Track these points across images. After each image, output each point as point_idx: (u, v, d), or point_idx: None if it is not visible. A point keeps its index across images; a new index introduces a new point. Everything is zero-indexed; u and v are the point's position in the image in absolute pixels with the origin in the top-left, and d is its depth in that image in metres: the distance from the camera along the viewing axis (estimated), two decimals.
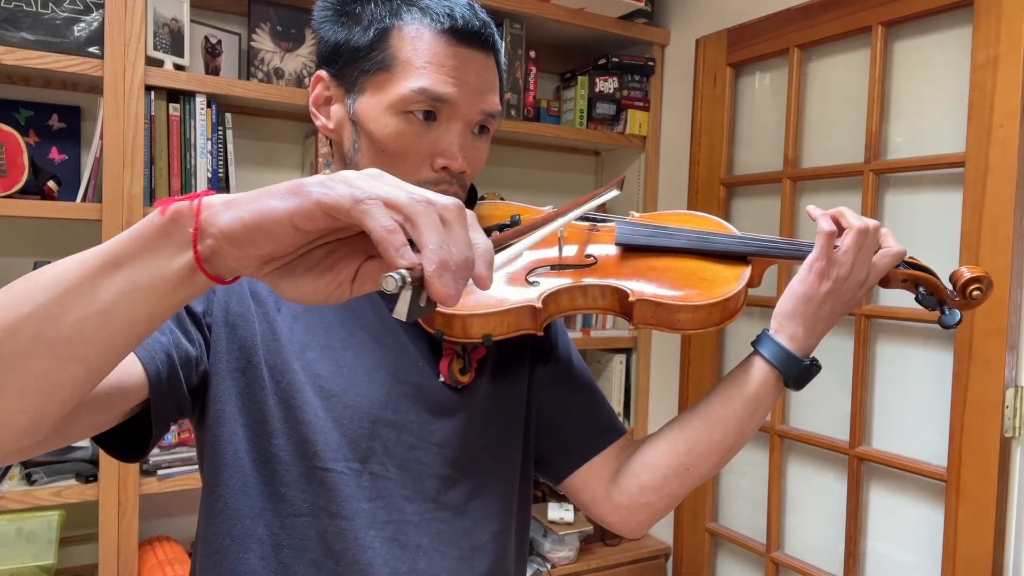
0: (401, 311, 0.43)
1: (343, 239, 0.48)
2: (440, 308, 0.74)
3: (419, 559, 0.77)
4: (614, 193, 0.87)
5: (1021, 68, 1.42)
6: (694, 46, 2.20)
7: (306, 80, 1.91)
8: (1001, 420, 1.46)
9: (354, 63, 0.76)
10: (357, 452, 0.75)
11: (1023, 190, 1.44)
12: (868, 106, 1.72)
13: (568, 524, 2.16)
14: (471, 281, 0.46)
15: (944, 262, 1.55)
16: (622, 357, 2.40)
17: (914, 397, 1.67)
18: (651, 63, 2.32)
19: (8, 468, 1.56)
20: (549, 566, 2.10)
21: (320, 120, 0.81)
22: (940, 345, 1.62)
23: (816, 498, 1.89)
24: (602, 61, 2.30)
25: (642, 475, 0.86)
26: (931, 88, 1.65)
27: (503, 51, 0.81)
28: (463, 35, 0.74)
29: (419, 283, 0.43)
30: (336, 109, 0.79)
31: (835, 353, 1.78)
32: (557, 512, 2.17)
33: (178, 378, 0.70)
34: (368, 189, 0.44)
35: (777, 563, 1.93)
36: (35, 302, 0.46)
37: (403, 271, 0.42)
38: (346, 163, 0.80)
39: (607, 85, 2.28)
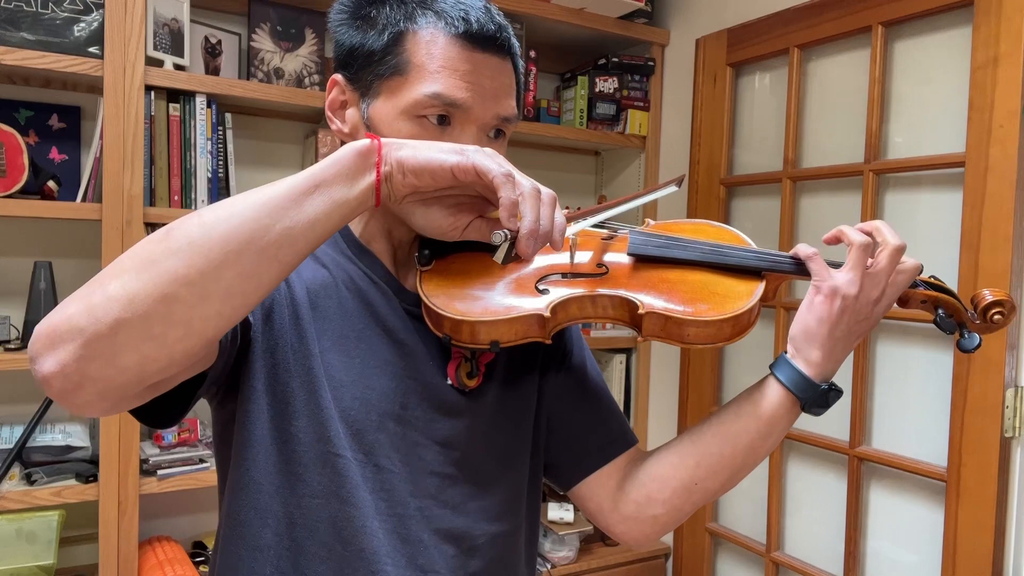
0: (499, 256, 0.66)
1: (467, 196, 0.69)
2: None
3: (420, 554, 0.77)
4: (672, 189, 0.86)
5: (1021, 68, 1.42)
6: (694, 46, 2.20)
7: (306, 80, 1.91)
8: (1001, 420, 1.46)
9: (369, 67, 0.76)
10: (362, 443, 0.76)
11: (1023, 190, 1.44)
12: (868, 106, 1.72)
13: (568, 524, 2.16)
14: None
15: (944, 262, 1.56)
16: (622, 357, 2.40)
17: (914, 397, 1.67)
18: (651, 63, 2.32)
19: (8, 468, 1.56)
20: (549, 566, 2.10)
21: (336, 124, 0.81)
22: (940, 345, 1.62)
23: (816, 498, 1.89)
24: (602, 61, 2.30)
25: (650, 486, 0.85)
26: (931, 88, 1.65)
27: (520, 53, 0.81)
28: (478, 39, 0.74)
29: (513, 240, 0.65)
30: (351, 113, 0.79)
31: None
32: (557, 512, 2.17)
33: (235, 342, 0.73)
34: (506, 167, 0.64)
35: (777, 563, 1.93)
36: (247, 216, 0.57)
37: (508, 230, 0.65)
38: None
39: (607, 85, 2.28)
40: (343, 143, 0.82)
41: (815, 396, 0.79)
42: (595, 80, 2.26)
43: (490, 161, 0.63)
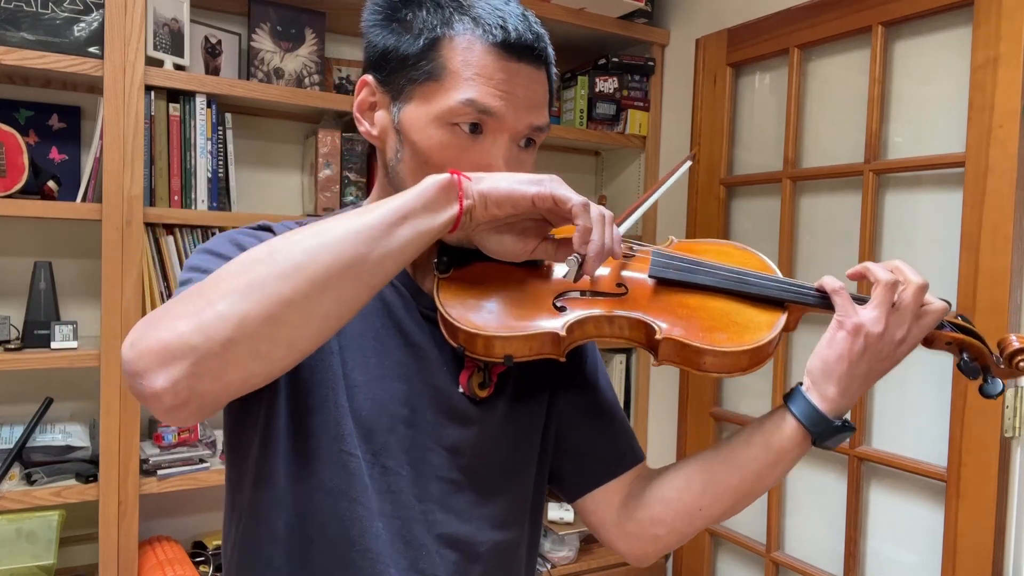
0: (570, 276, 0.71)
1: (532, 221, 0.73)
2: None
3: (422, 559, 0.77)
4: (687, 166, 0.93)
5: (1021, 68, 1.42)
6: (694, 46, 2.20)
7: (306, 80, 1.91)
8: (1001, 420, 1.46)
9: (402, 71, 0.75)
10: (372, 444, 0.76)
11: (1023, 190, 1.44)
12: (868, 106, 1.72)
13: (568, 524, 2.16)
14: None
15: (944, 262, 1.56)
16: (622, 357, 2.40)
17: (914, 397, 1.67)
18: (651, 63, 2.32)
19: (8, 468, 1.56)
20: (549, 566, 2.10)
21: (364, 126, 0.80)
22: None
23: (816, 498, 1.89)
24: (602, 61, 2.30)
25: (654, 507, 0.85)
26: (931, 88, 1.65)
27: (553, 63, 0.81)
28: (515, 49, 0.73)
29: (581, 261, 0.70)
30: (381, 115, 0.79)
31: None
32: (557, 512, 2.17)
33: None
34: (580, 196, 0.69)
35: (777, 563, 1.93)
36: (347, 244, 0.62)
37: (579, 254, 0.70)
38: (388, 171, 0.79)
39: (607, 85, 2.28)
40: (369, 144, 0.82)
41: (827, 431, 0.78)
42: (595, 80, 2.26)
43: (566, 190, 0.68)
